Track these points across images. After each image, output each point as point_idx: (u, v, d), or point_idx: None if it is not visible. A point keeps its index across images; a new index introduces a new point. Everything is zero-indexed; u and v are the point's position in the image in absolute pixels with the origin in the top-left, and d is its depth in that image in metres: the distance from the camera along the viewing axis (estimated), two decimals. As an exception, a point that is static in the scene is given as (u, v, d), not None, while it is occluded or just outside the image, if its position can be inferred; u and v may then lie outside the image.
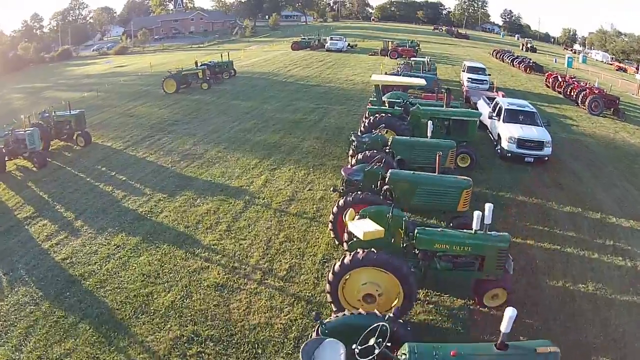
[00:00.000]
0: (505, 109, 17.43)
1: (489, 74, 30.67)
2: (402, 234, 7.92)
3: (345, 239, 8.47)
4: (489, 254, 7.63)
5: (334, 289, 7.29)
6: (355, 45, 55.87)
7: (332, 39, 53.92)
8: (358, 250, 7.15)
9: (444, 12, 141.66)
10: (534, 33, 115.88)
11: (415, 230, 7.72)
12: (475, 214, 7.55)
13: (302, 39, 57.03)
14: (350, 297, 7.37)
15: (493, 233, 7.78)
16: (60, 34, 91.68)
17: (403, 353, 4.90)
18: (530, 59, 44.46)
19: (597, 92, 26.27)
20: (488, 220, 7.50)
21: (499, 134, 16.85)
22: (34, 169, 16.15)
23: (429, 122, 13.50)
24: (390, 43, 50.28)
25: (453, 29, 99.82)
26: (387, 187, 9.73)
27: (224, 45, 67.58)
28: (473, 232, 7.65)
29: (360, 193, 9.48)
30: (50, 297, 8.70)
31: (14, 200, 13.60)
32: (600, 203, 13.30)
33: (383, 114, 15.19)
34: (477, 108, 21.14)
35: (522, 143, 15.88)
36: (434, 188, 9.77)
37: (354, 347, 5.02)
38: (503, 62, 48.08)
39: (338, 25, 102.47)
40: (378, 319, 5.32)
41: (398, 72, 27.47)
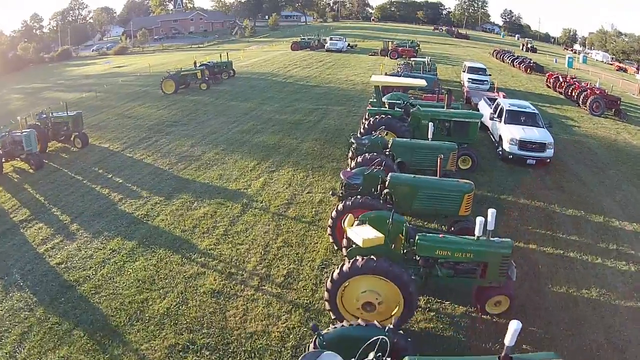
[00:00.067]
0: (507, 110, 17.25)
1: (490, 75, 30.50)
2: (402, 240, 7.76)
3: (345, 245, 8.31)
4: (492, 261, 7.48)
5: (333, 297, 7.12)
6: (355, 46, 55.69)
7: (331, 39, 53.66)
8: (357, 258, 6.98)
9: (444, 12, 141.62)
10: (534, 33, 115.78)
11: (416, 237, 7.56)
12: (478, 220, 7.39)
13: (301, 39, 56.85)
14: (350, 305, 7.21)
15: (496, 239, 7.62)
16: (60, 34, 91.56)
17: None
18: (531, 59, 44.28)
19: (598, 92, 26.10)
20: (491, 227, 7.34)
21: (501, 136, 16.67)
22: (31, 171, 16.08)
23: (430, 123, 13.31)
24: (390, 43, 50.11)
25: (453, 29, 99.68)
26: (387, 191, 9.59)
27: (224, 46, 67.50)
28: (475, 238, 7.49)
29: (360, 197, 9.33)
30: (45, 302, 8.61)
31: (10, 203, 13.51)
32: (603, 206, 13.14)
33: (383, 116, 14.99)
34: (478, 109, 21.01)
35: (523, 145, 15.71)
36: (435, 192, 9.61)
37: (353, 361, 4.86)
38: (503, 62, 47.86)
39: (338, 26, 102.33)
40: (378, 331, 5.15)
41: (398, 72, 27.28)
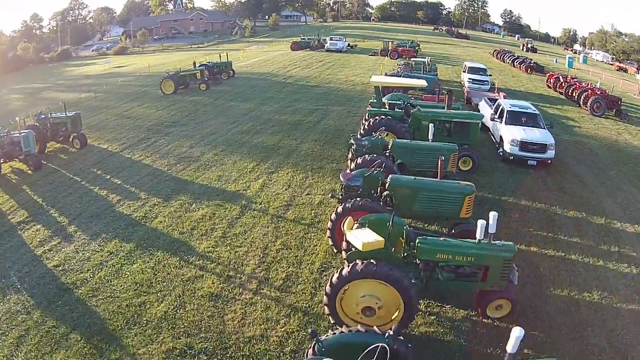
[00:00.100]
0: (508, 111, 17.15)
1: (490, 75, 30.42)
2: (402, 244, 7.66)
3: (344, 248, 8.22)
4: (493, 265, 7.38)
5: (332, 302, 7.02)
6: (355, 46, 55.59)
7: (331, 39, 53.56)
8: (357, 262, 6.88)
9: (444, 12, 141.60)
10: (534, 33, 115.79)
11: (417, 240, 7.47)
12: (479, 223, 7.29)
13: (301, 39, 56.76)
14: (349, 309, 7.11)
15: (497, 242, 7.51)
16: (60, 34, 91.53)
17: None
18: (531, 59, 44.19)
19: (599, 92, 26.02)
20: (492, 230, 7.25)
21: (501, 137, 16.58)
22: (29, 172, 15.98)
23: (430, 124, 13.22)
24: (390, 43, 50.03)
25: (453, 29, 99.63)
26: (387, 193, 9.49)
27: (224, 46, 67.44)
28: (477, 241, 7.40)
29: (360, 199, 9.22)
30: (42, 305, 8.54)
31: (8, 204, 13.42)
32: (605, 208, 13.06)
33: (383, 116, 14.89)
34: (478, 109, 20.92)
35: (524, 146, 15.61)
36: (436, 194, 9.51)
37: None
38: (503, 62, 47.77)
39: (338, 26, 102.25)
40: (377, 337, 5.06)
41: (398, 72, 27.19)
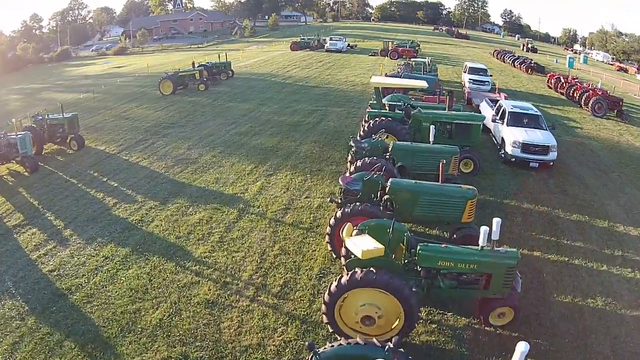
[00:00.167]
0: (509, 112, 16.93)
1: (491, 75, 30.23)
2: (403, 250, 7.47)
3: (343, 254, 8.02)
4: (496, 272, 7.19)
5: (330, 311, 6.82)
6: (355, 46, 55.44)
7: (331, 40, 53.38)
8: (356, 270, 6.68)
9: (444, 12, 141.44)
10: (534, 33, 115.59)
11: (418, 247, 7.27)
12: (482, 230, 7.10)
13: (301, 40, 56.60)
14: (348, 319, 6.92)
15: (501, 249, 7.31)
16: (60, 34, 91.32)
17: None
18: (532, 60, 44.01)
19: (600, 93, 25.82)
20: (496, 236, 7.06)
21: (503, 138, 16.38)
22: (26, 174, 15.86)
23: (431, 126, 13.01)
24: (390, 43, 49.88)
25: (453, 29, 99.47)
26: (387, 197, 9.29)
27: (223, 46, 67.24)
28: (479, 248, 7.20)
29: (359, 204, 9.00)
30: (37, 311, 8.41)
31: (4, 207, 13.29)
32: (608, 210, 12.88)
33: (383, 118, 14.70)
34: (479, 110, 20.72)
35: (526, 147, 15.41)
36: (437, 198, 9.31)
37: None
38: (504, 62, 47.59)
39: (338, 26, 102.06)
40: (377, 350, 4.89)
41: (398, 73, 26.98)
